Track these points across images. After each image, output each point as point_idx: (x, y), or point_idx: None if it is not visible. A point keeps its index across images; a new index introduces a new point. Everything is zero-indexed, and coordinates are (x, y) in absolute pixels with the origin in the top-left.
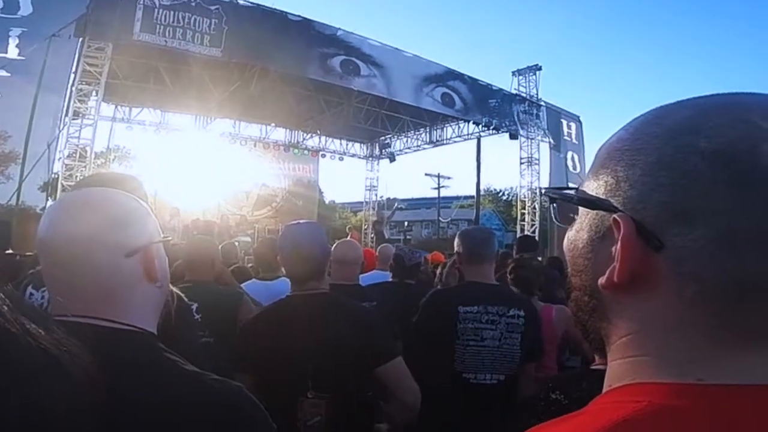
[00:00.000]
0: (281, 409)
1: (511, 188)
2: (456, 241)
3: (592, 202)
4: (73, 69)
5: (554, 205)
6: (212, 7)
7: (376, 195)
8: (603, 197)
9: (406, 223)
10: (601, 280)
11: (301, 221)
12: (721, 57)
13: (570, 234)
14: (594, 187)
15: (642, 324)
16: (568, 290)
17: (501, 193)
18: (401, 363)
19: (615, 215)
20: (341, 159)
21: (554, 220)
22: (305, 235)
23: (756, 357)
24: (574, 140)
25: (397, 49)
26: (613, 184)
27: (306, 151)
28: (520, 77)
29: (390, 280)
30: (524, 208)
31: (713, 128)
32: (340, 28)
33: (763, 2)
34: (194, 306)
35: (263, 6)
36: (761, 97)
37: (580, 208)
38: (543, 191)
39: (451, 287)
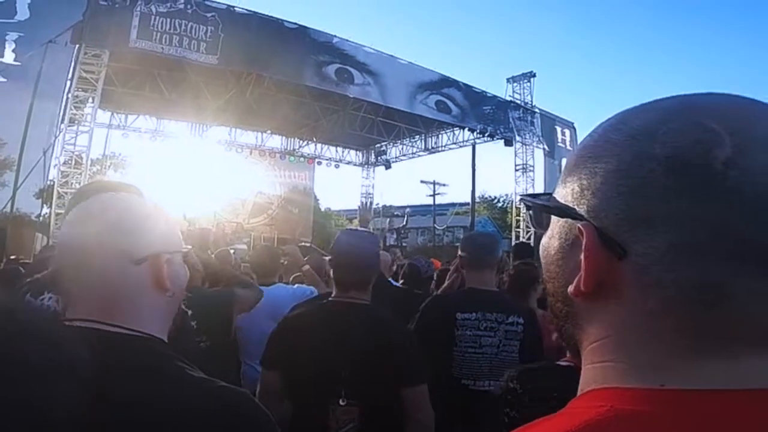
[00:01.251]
0: (311, 414)
1: (506, 195)
2: (461, 245)
3: (560, 210)
4: (69, 75)
5: (530, 211)
6: (208, 15)
7: (371, 202)
8: (570, 205)
9: (401, 231)
10: (570, 288)
11: (360, 228)
12: (716, 61)
13: (543, 240)
14: (562, 195)
15: (609, 331)
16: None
17: (496, 200)
18: (424, 390)
19: (579, 224)
20: (337, 166)
21: (532, 225)
22: (359, 244)
23: (717, 364)
24: (568, 147)
25: (392, 56)
26: (579, 192)
27: (302, 159)
28: (515, 84)
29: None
30: (519, 215)
31: (667, 133)
32: (335, 36)
33: (758, 8)
34: (188, 313)
35: (259, 13)
36: (718, 98)
37: (552, 215)
38: (519, 198)
39: (450, 294)
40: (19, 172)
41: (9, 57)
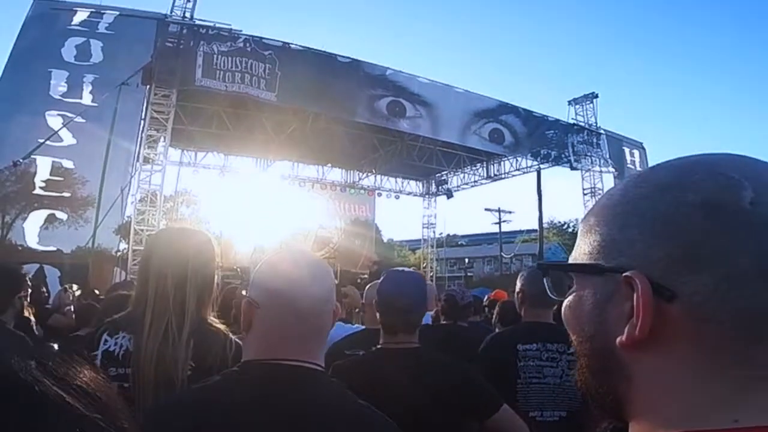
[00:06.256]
0: None
1: (576, 220)
2: (522, 280)
3: (599, 267)
4: (142, 116)
5: (547, 278)
6: (266, 53)
7: (434, 232)
8: (601, 261)
9: (466, 260)
10: (621, 339)
11: (405, 269)
12: None
13: (570, 303)
14: (588, 253)
15: (664, 376)
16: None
17: (566, 226)
18: (507, 409)
19: (627, 274)
20: (397, 197)
21: (549, 293)
22: (408, 284)
23: None
24: (638, 168)
25: (447, 85)
26: (610, 247)
27: (362, 191)
28: (577, 106)
29: (437, 323)
30: None
31: (696, 182)
32: (388, 68)
33: None
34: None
35: (313, 49)
36: (727, 156)
37: (576, 276)
38: (536, 265)
39: (508, 328)
40: (99, 209)
41: (87, 98)
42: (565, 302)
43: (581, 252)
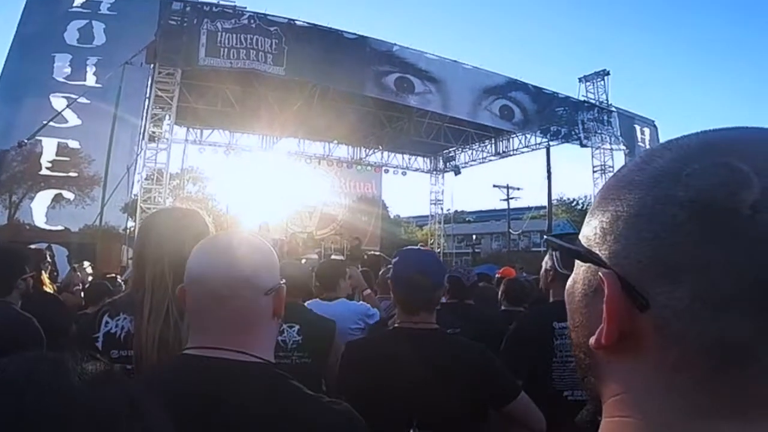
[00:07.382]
0: None
1: (586, 196)
2: (548, 257)
3: (582, 255)
4: (147, 94)
5: (555, 252)
6: (271, 29)
7: (441, 208)
8: (593, 249)
9: (474, 236)
10: (591, 341)
11: (420, 247)
12: None
13: (568, 285)
14: (586, 237)
15: (628, 385)
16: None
17: (575, 202)
18: (525, 396)
19: (600, 271)
20: (404, 174)
21: (559, 267)
22: (426, 262)
23: (734, 427)
24: (648, 146)
25: (455, 61)
26: (600, 236)
27: (369, 167)
28: (588, 83)
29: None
30: None
31: (691, 175)
32: (395, 44)
33: None
34: (296, 327)
35: (319, 26)
36: (745, 133)
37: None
38: (544, 239)
39: (543, 306)
40: (106, 188)
41: (91, 80)
42: (567, 282)
43: (582, 234)
